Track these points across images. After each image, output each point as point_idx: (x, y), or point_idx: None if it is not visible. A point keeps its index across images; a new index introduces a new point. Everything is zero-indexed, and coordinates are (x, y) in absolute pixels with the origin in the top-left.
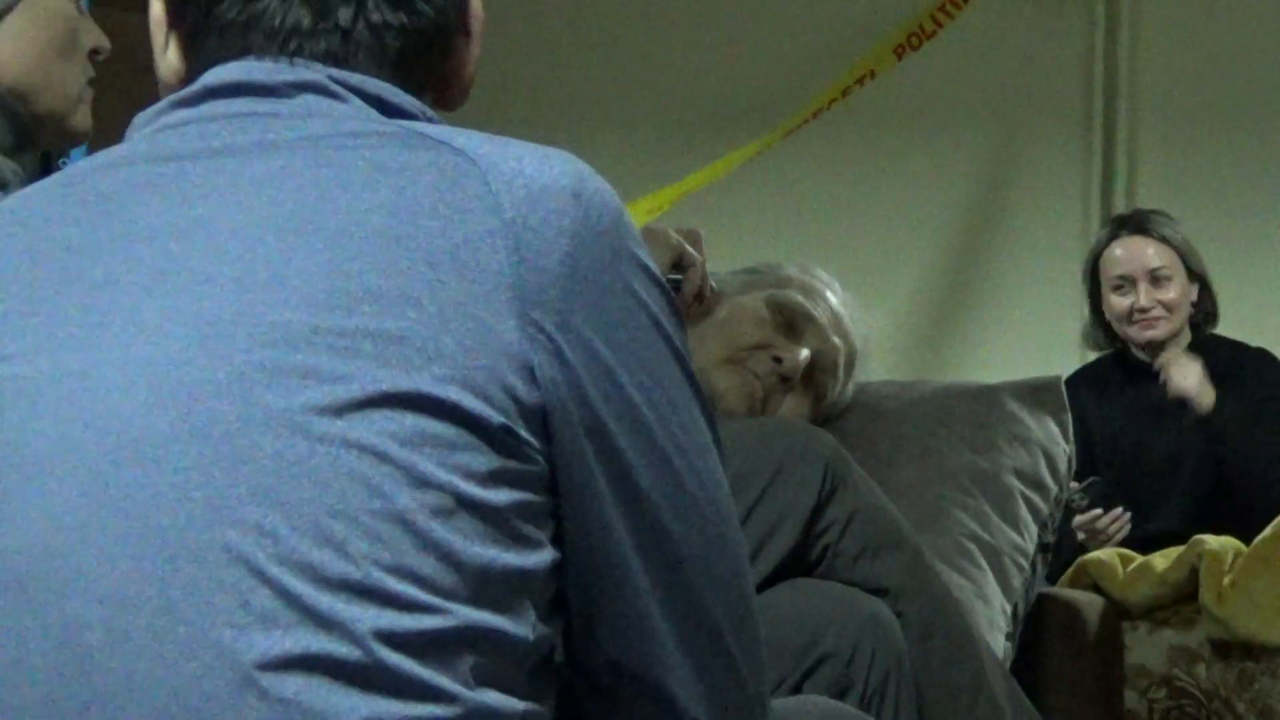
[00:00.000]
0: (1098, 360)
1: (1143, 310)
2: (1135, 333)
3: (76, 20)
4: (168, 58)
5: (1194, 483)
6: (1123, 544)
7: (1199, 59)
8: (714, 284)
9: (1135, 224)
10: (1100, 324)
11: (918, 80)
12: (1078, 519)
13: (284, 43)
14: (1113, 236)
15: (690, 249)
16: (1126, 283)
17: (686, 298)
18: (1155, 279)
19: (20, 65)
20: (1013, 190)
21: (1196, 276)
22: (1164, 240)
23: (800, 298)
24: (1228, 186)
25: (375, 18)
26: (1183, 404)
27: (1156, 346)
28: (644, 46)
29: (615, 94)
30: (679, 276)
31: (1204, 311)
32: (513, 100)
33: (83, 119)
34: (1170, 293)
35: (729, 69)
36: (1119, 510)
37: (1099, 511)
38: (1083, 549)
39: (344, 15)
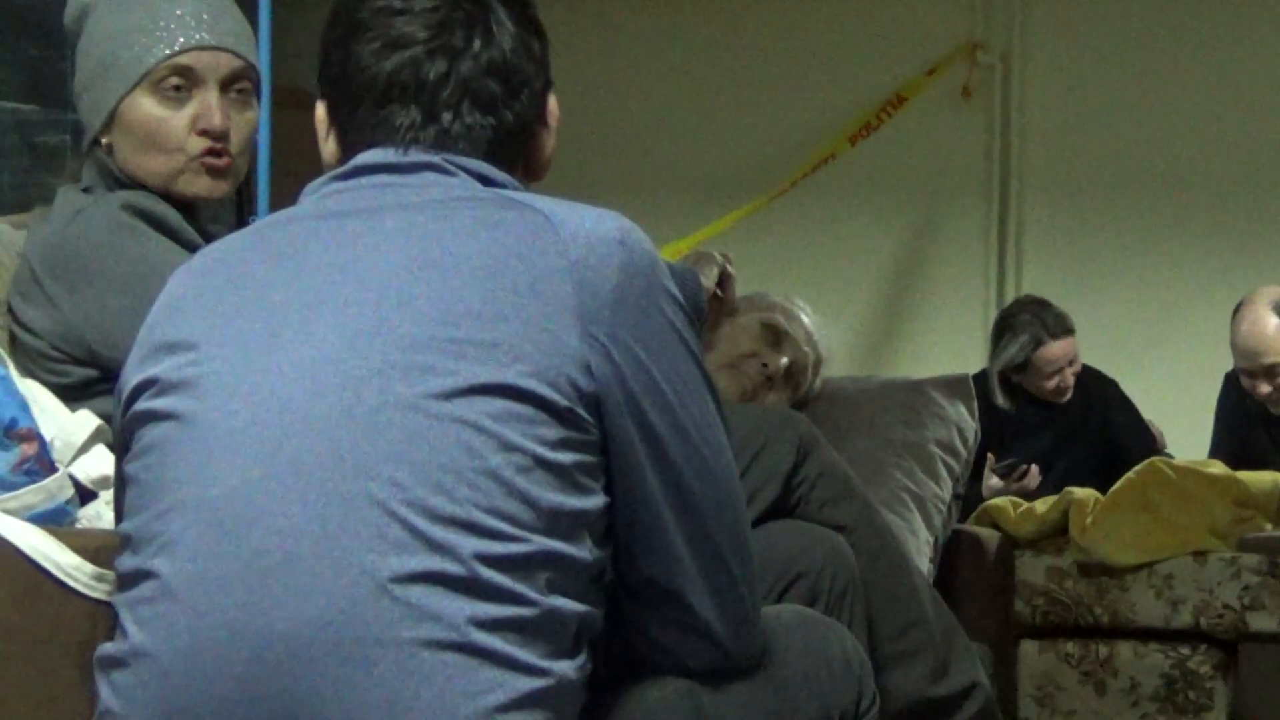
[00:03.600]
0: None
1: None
2: (1053, 396)
3: (160, 118)
4: (328, 146)
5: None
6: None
7: (1073, 154)
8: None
9: (1063, 328)
10: (1006, 378)
11: (866, 161)
12: (1011, 480)
13: (405, 136)
14: (1049, 337)
15: (729, 267)
16: (1057, 371)
17: (729, 301)
18: (1072, 362)
19: (123, 161)
20: (934, 243)
21: None
22: (1071, 332)
23: (782, 319)
24: (1096, 250)
25: (469, 120)
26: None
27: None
28: (667, 138)
29: (647, 171)
30: (721, 293)
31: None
32: (572, 174)
33: (185, 186)
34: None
35: (728, 152)
36: (1033, 468)
37: (1026, 466)
38: (982, 499)
39: (445, 118)
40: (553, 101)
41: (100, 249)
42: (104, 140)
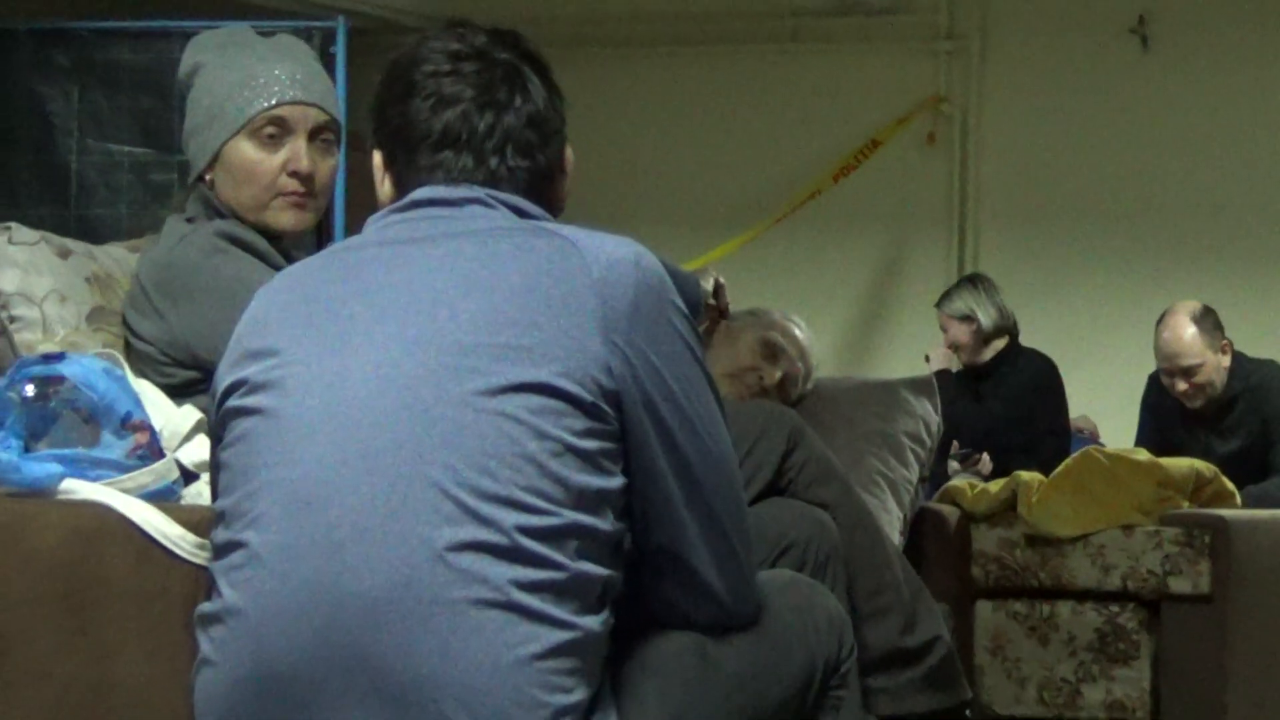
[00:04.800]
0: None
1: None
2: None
3: (257, 160)
4: (384, 187)
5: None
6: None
7: (1022, 191)
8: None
9: (950, 298)
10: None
11: (847, 196)
12: (967, 465)
13: (456, 177)
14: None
15: (722, 282)
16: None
17: (721, 309)
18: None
19: (223, 195)
20: (904, 265)
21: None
22: (965, 320)
23: (779, 336)
24: (1041, 272)
25: (511, 163)
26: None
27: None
28: (679, 176)
29: (663, 203)
30: (714, 302)
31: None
32: (599, 206)
33: (273, 218)
34: (969, 338)
35: (730, 188)
36: (984, 456)
37: (979, 455)
38: (946, 480)
39: (493, 162)
40: (569, 151)
41: (200, 270)
42: (208, 177)
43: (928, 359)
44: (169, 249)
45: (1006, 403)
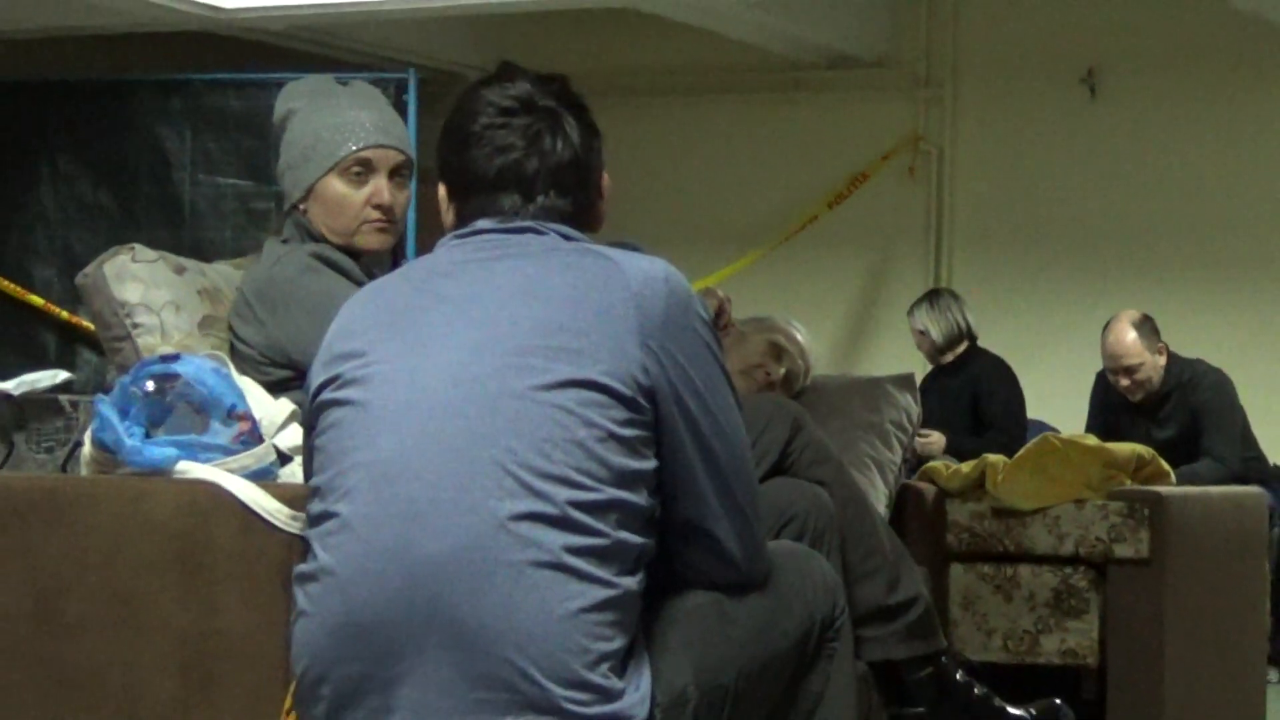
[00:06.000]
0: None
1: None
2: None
3: (346, 194)
4: (448, 216)
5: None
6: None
7: (990, 218)
8: (737, 321)
9: (918, 305)
10: None
11: (839, 221)
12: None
13: (508, 210)
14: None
15: (723, 296)
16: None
17: (722, 322)
18: (921, 332)
19: (315, 222)
20: (888, 281)
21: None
22: (933, 323)
23: (783, 339)
24: (1006, 287)
25: (555, 199)
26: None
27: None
28: (697, 204)
29: (684, 227)
30: (719, 316)
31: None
32: (630, 229)
33: (360, 241)
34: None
35: (740, 214)
36: (935, 434)
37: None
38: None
39: (540, 199)
40: (605, 178)
41: (295, 285)
42: (301, 206)
43: None
44: (268, 267)
45: (965, 396)
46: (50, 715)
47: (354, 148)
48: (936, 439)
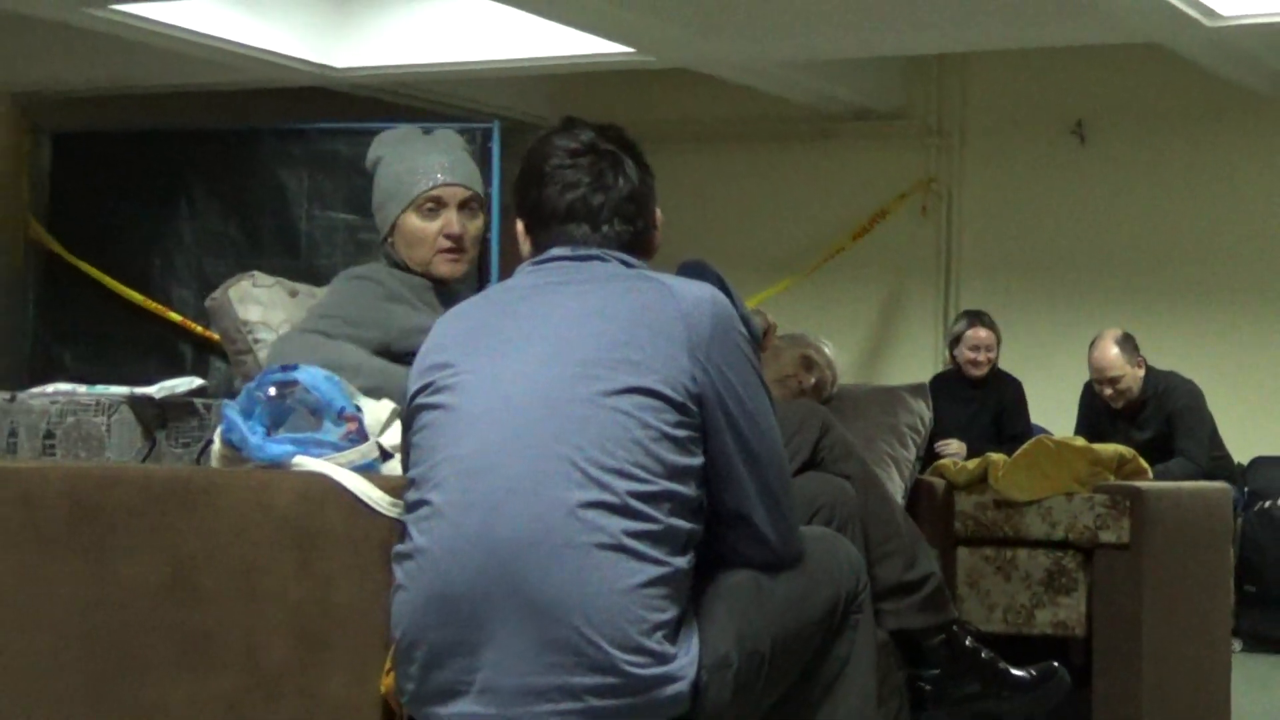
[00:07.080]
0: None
1: (978, 362)
2: (970, 369)
3: (421, 228)
4: (525, 246)
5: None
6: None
7: (994, 251)
8: (778, 336)
9: (981, 319)
10: (954, 360)
11: (862, 252)
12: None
13: (579, 239)
14: (970, 325)
15: (771, 320)
16: (976, 350)
17: (767, 341)
18: (987, 347)
19: (399, 252)
20: (903, 306)
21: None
22: (991, 328)
23: (814, 353)
24: (1008, 313)
25: (617, 229)
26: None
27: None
28: (738, 235)
29: (726, 256)
30: (762, 335)
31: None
32: (675, 258)
33: (435, 268)
34: (992, 354)
35: (776, 244)
36: (954, 443)
37: (951, 441)
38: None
39: (605, 229)
40: (659, 211)
41: (331, 288)
42: (389, 240)
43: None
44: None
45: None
46: (184, 673)
47: (426, 186)
48: (957, 447)
